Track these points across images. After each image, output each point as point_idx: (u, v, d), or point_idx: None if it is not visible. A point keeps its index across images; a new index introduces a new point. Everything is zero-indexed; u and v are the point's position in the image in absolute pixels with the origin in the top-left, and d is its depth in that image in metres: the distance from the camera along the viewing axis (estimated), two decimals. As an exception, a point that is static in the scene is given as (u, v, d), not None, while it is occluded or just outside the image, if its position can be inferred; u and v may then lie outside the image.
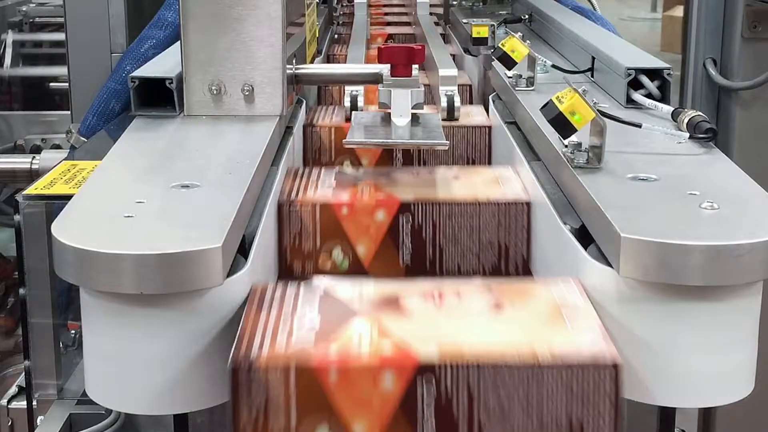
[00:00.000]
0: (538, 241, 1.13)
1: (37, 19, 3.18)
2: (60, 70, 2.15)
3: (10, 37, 3.07)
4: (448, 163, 1.44)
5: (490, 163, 1.46)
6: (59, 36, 2.06)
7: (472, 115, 1.53)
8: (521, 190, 1.19)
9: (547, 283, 0.93)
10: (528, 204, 1.16)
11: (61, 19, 2.16)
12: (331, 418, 0.81)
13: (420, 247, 1.15)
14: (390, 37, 2.56)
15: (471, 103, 1.79)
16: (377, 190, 1.18)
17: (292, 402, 0.80)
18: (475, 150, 1.47)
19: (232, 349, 0.81)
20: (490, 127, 1.47)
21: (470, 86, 1.85)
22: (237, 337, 0.83)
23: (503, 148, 1.38)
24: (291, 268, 1.16)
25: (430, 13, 2.47)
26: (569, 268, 0.97)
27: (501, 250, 1.16)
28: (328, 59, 2.18)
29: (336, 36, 2.49)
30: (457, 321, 0.86)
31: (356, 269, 1.15)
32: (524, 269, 1.17)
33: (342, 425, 0.81)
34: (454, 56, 1.97)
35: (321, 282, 0.93)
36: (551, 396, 0.80)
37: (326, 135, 1.46)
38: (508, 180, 1.24)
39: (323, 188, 1.19)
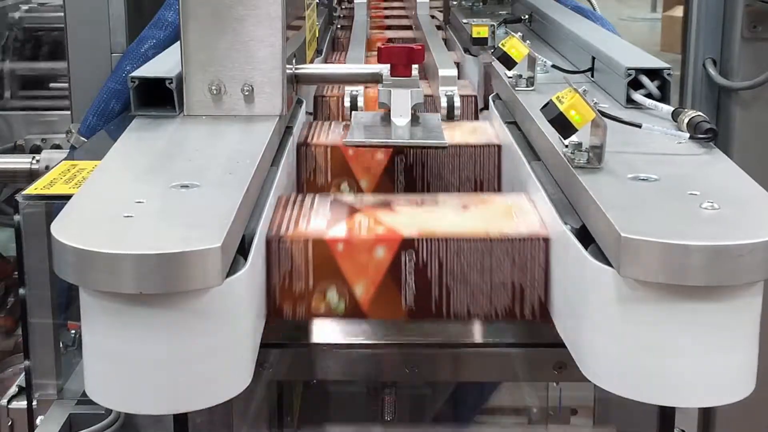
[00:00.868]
0: (505, 178, 1.37)
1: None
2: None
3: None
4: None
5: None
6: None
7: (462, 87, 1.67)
8: (494, 136, 1.42)
9: (503, 195, 1.24)
10: (498, 147, 1.38)
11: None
12: (338, 281, 1.07)
13: (411, 181, 1.39)
14: (388, 28, 2.59)
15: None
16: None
17: (310, 267, 1.06)
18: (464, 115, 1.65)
19: (266, 232, 1.06)
20: (475, 96, 1.68)
21: (458, 63, 1.94)
22: (269, 224, 1.08)
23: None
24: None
25: (430, 8, 2.48)
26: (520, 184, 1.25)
27: (477, 185, 1.39)
28: (333, 43, 2.25)
29: (339, 26, 2.56)
30: (433, 215, 1.13)
31: None
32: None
33: (346, 286, 1.07)
34: (446, 40, 2.09)
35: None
36: (499, 264, 1.06)
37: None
38: (485, 131, 1.46)
39: (334, 134, 1.44)
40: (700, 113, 1.18)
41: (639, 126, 1.14)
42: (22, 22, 3.21)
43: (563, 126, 1.04)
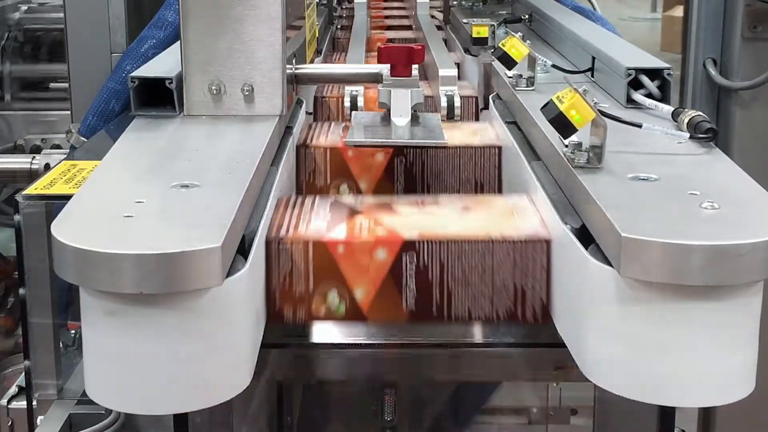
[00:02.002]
0: (505, 177, 1.38)
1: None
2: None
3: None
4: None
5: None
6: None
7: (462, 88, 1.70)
8: (495, 138, 1.42)
9: (505, 197, 1.23)
10: (499, 148, 1.37)
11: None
12: (339, 283, 1.05)
13: (411, 182, 1.39)
14: (388, 28, 2.60)
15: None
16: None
17: (310, 269, 1.05)
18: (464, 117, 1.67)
19: (266, 233, 1.04)
20: (476, 98, 1.68)
21: (458, 64, 1.94)
22: (269, 226, 1.06)
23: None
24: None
25: (430, 8, 2.49)
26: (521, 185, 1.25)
27: (477, 187, 1.40)
28: (333, 43, 2.26)
29: (339, 27, 2.58)
30: (434, 217, 1.12)
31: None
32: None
33: (347, 289, 1.05)
34: (446, 41, 2.10)
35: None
36: (501, 266, 1.05)
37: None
38: (485, 130, 1.47)
39: (333, 135, 1.44)
40: (700, 113, 1.18)
41: (639, 126, 1.14)
42: (22, 23, 3.22)
43: (563, 126, 1.04)
